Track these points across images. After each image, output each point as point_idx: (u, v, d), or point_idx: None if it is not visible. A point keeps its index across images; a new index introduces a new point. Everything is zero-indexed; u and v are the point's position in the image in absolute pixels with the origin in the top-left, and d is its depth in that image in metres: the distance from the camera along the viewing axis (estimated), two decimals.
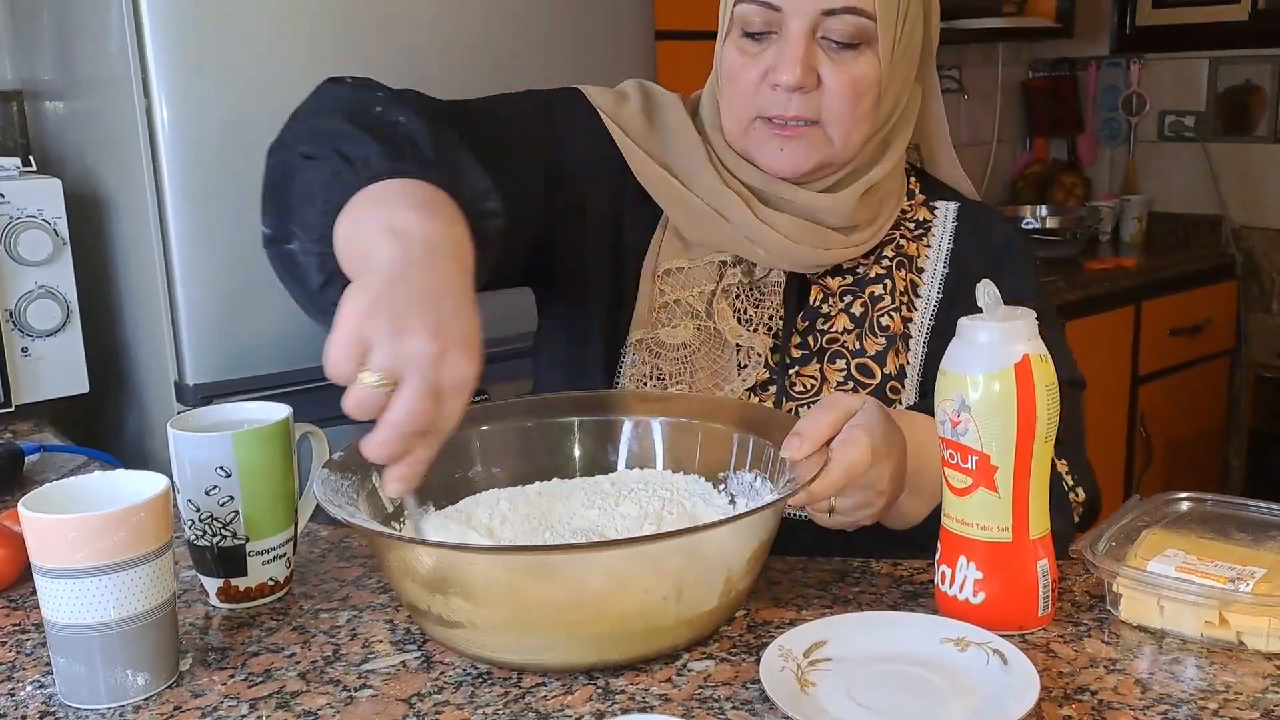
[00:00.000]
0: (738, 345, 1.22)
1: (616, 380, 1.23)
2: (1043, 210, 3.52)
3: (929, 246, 1.27)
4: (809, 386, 1.21)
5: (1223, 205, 3.55)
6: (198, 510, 1.00)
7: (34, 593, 0.88)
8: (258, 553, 1.02)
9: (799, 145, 1.18)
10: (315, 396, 1.59)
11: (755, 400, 1.21)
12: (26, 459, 1.41)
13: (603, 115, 1.25)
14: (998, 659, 0.85)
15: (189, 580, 1.07)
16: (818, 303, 1.24)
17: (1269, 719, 0.81)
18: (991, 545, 0.92)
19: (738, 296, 1.23)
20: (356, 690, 0.88)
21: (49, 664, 0.90)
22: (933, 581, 0.97)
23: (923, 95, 1.28)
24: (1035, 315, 0.91)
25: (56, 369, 1.62)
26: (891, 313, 1.22)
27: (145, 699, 0.88)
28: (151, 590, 0.86)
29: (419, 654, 0.93)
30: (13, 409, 1.59)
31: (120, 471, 0.93)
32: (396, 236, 0.85)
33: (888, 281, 1.23)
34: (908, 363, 1.22)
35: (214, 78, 1.51)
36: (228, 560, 1.01)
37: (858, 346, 1.22)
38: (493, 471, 1.09)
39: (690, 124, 1.25)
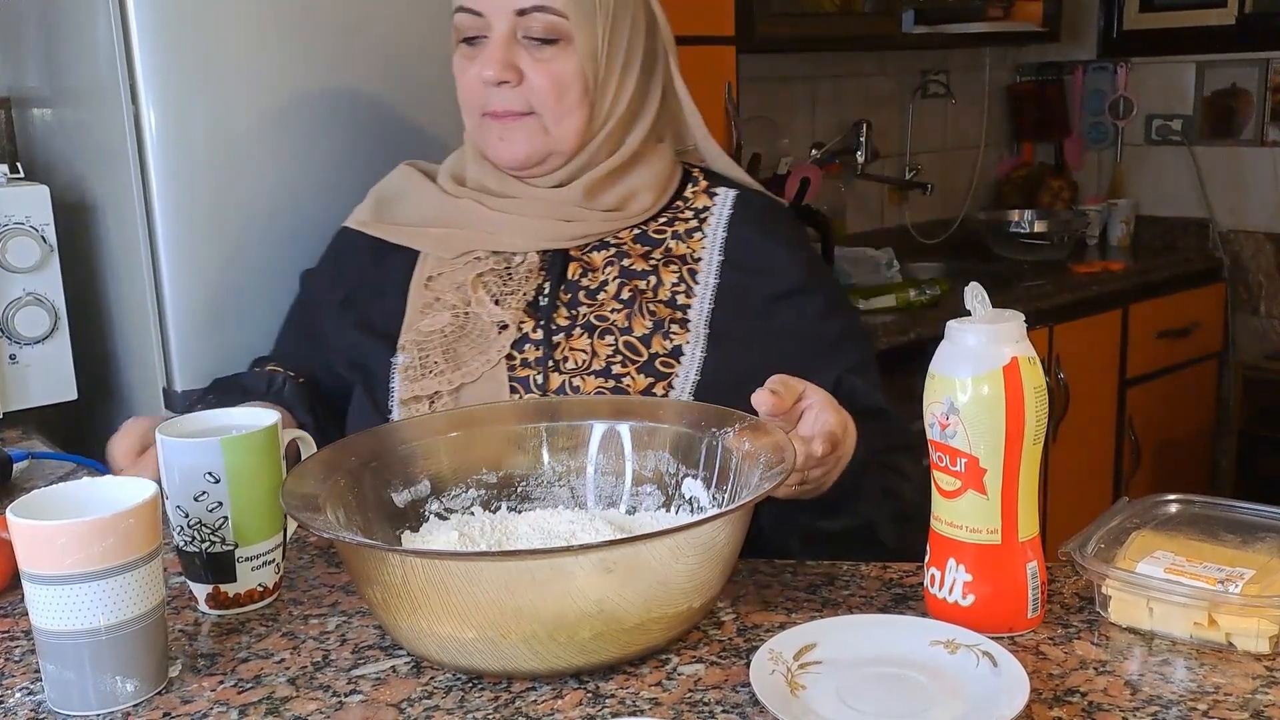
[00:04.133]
0: (496, 323, 1.28)
1: (391, 385, 1.28)
2: (1030, 214, 3.53)
3: (705, 236, 1.33)
4: (581, 361, 1.26)
5: (1210, 208, 3.56)
6: (186, 516, 1.00)
7: (23, 600, 0.87)
8: (247, 559, 1.02)
9: (516, 134, 1.29)
10: None
11: (523, 372, 1.26)
12: (15, 466, 1.41)
13: (345, 226, 1.43)
14: (987, 661, 0.86)
15: (178, 586, 1.07)
16: (577, 277, 1.31)
17: (1259, 719, 0.81)
18: (980, 548, 0.93)
19: (492, 281, 1.31)
20: (346, 696, 0.88)
21: (38, 671, 0.90)
22: (922, 584, 0.97)
23: (666, 97, 1.36)
24: (1023, 317, 0.91)
25: (44, 376, 1.61)
26: (659, 303, 1.28)
27: (135, 705, 0.87)
28: (141, 596, 0.86)
29: (408, 659, 0.93)
30: (0, 416, 1.59)
31: (109, 478, 0.93)
32: None
33: (652, 278, 1.30)
34: (686, 342, 1.26)
35: (202, 85, 1.51)
36: (217, 566, 1.01)
37: (626, 325, 1.27)
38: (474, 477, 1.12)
39: (412, 173, 1.42)
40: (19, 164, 1.67)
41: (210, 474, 0.99)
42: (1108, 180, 3.79)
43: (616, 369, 1.24)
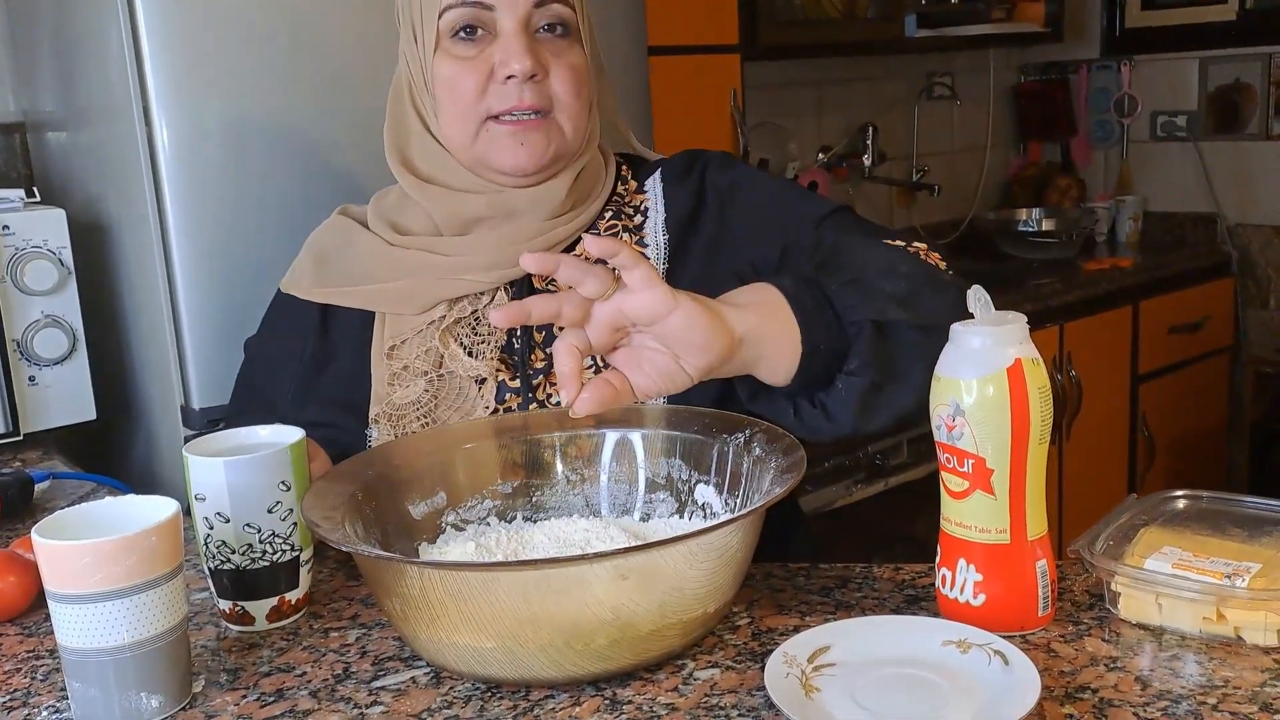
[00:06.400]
0: (475, 379, 1.22)
1: None
2: (1038, 213, 3.54)
3: (648, 220, 1.27)
4: None
5: (1217, 203, 3.56)
6: (259, 532, 1.01)
7: (47, 619, 0.89)
8: (304, 561, 1.05)
9: (537, 137, 1.20)
10: None
11: None
12: (36, 487, 1.42)
13: (283, 290, 1.33)
14: (999, 660, 0.86)
15: (199, 603, 1.08)
16: None
17: (1268, 712, 0.82)
18: (990, 547, 0.93)
19: (462, 331, 1.24)
20: (367, 707, 0.89)
21: (64, 689, 0.92)
22: (934, 585, 0.98)
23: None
24: (1026, 319, 0.92)
25: (64, 397, 1.63)
26: None
27: None
28: (164, 613, 0.88)
29: (428, 670, 0.94)
30: (21, 438, 1.60)
31: (131, 497, 0.95)
32: None
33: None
34: None
35: (214, 105, 1.52)
36: (285, 575, 1.03)
37: None
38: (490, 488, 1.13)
39: (349, 223, 1.32)
40: (35, 188, 1.68)
41: (284, 483, 1.01)
42: (1115, 177, 3.79)
43: None
